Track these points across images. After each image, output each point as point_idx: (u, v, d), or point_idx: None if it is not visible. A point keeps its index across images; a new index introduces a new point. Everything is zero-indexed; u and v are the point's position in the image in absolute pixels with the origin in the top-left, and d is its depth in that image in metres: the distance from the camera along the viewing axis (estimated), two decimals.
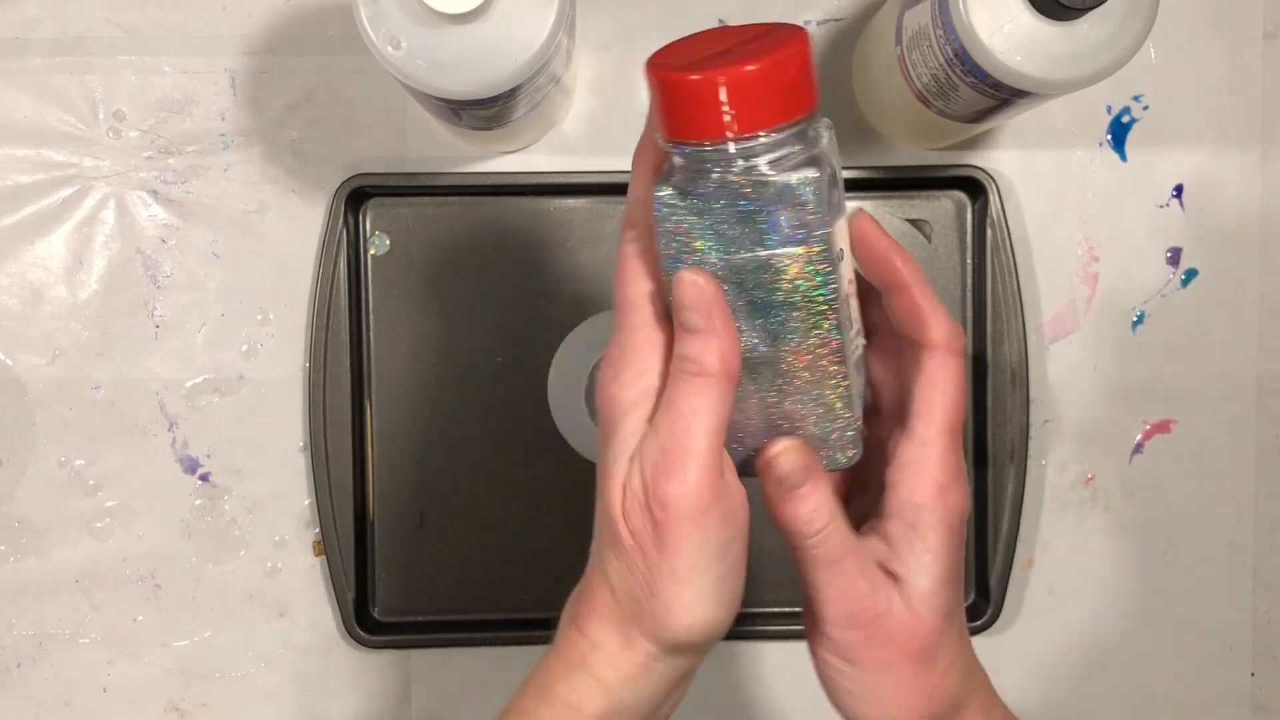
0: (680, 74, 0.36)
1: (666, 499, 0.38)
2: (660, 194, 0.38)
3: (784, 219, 0.37)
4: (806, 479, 0.39)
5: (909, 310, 0.40)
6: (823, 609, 0.40)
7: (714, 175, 0.37)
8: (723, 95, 0.36)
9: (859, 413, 0.41)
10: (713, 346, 0.38)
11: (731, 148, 0.36)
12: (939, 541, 0.39)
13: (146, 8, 0.63)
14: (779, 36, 0.37)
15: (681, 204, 0.38)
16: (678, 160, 0.38)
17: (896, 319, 0.40)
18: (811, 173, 0.37)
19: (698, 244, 0.38)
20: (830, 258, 0.38)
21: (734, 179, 0.37)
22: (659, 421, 0.38)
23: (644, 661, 0.40)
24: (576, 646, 0.41)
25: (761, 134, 0.36)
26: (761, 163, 0.37)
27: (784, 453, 0.40)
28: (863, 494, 0.44)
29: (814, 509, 0.39)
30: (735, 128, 0.36)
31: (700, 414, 0.38)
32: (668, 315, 0.39)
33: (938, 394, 0.39)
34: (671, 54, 0.38)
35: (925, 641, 0.39)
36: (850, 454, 0.41)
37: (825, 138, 0.38)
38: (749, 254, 0.38)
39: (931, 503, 0.39)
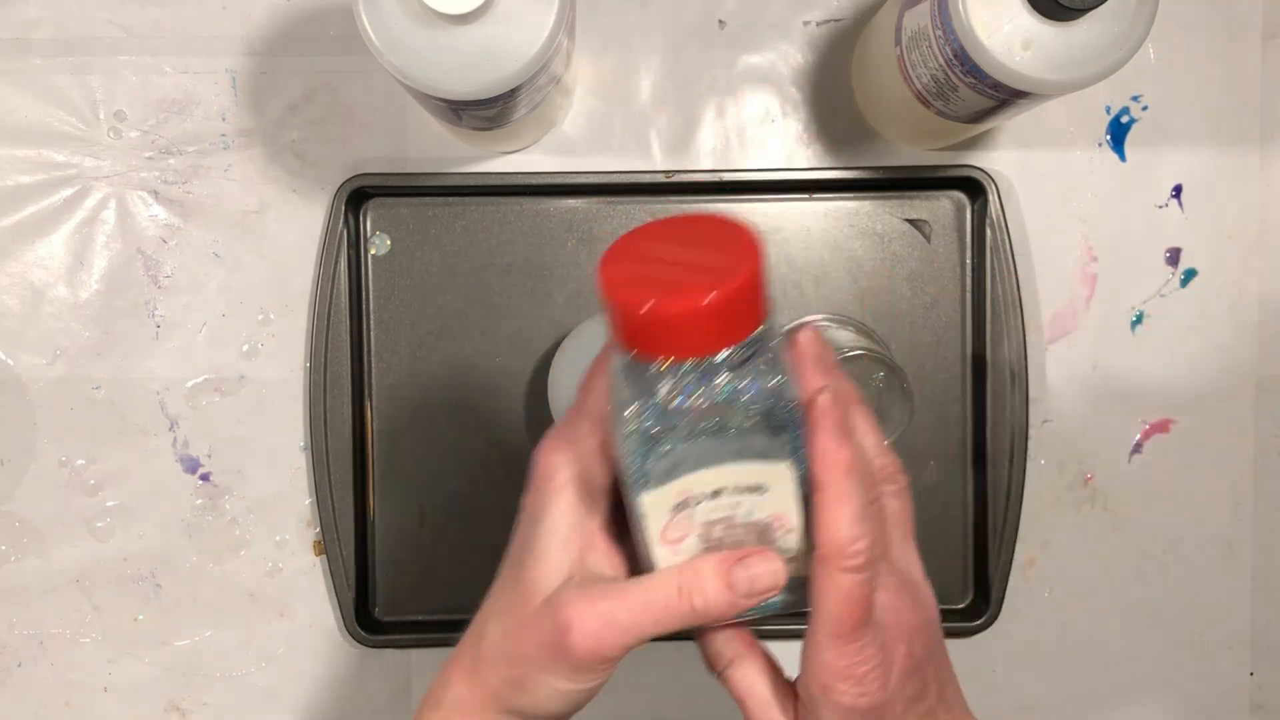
0: (632, 299, 0.35)
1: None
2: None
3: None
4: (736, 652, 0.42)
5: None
6: None
7: (660, 390, 0.37)
8: (674, 324, 0.35)
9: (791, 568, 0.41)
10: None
11: (685, 367, 0.36)
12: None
13: (147, 8, 0.63)
14: (733, 249, 0.36)
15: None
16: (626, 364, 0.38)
17: None
18: (773, 380, 0.37)
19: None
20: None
21: (689, 394, 0.37)
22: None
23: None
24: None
25: (712, 356, 0.36)
26: (720, 380, 0.37)
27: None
28: None
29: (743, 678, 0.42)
30: (684, 351, 0.36)
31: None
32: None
33: (820, 602, 0.39)
34: (627, 257, 0.37)
35: None
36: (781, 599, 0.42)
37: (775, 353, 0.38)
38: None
39: (820, 695, 0.40)
